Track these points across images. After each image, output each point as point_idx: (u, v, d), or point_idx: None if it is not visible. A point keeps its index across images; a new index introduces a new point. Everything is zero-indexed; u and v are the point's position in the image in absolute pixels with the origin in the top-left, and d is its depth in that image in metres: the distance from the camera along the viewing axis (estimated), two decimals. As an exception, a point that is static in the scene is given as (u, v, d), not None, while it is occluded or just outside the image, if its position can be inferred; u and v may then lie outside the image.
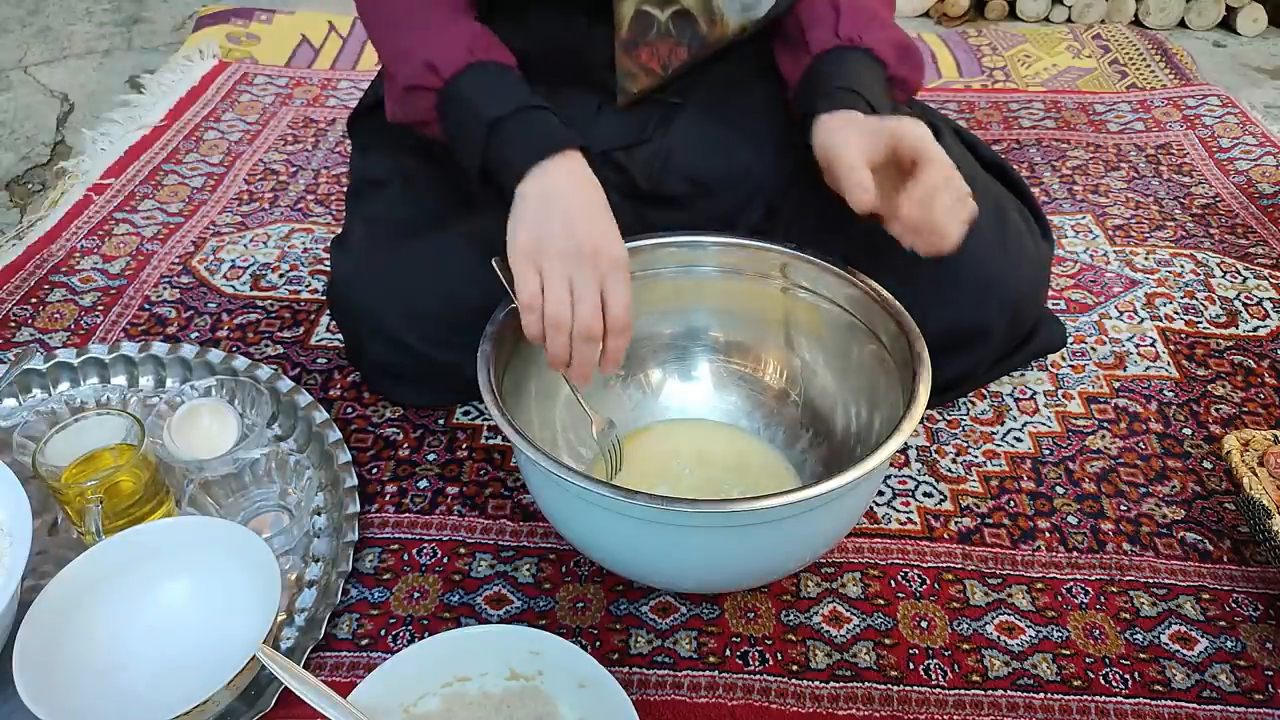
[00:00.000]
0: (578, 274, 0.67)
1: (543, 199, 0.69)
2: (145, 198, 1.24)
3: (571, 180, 0.70)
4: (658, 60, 0.81)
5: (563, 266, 0.67)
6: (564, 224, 0.67)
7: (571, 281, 0.67)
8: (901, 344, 0.71)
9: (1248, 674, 0.71)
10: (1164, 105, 1.47)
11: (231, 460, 0.79)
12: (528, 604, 0.75)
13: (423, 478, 0.85)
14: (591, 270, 0.67)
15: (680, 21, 0.79)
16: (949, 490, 0.85)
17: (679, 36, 0.80)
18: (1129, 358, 0.99)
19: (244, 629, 0.66)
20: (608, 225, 0.69)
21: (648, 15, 0.79)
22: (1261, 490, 0.75)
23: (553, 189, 0.69)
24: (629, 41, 0.80)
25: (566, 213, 0.68)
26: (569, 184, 0.70)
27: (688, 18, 0.79)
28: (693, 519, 0.62)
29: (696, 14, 0.79)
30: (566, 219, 0.68)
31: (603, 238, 0.68)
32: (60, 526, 0.78)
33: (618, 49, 0.81)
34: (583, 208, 0.69)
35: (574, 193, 0.69)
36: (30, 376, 0.90)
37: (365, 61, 1.63)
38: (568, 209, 0.68)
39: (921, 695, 0.69)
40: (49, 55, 1.71)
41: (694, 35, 0.80)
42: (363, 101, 0.98)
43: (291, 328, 1.03)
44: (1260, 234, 1.18)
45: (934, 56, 1.67)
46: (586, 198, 0.69)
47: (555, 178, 0.70)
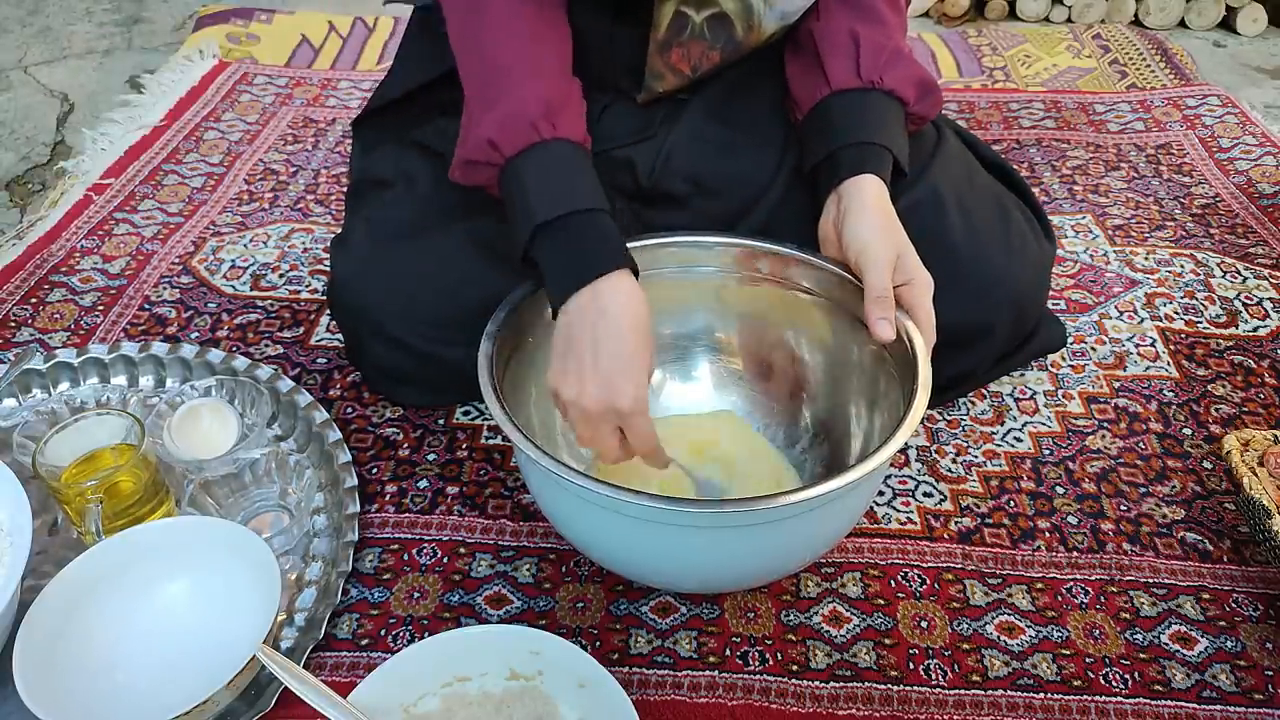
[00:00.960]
0: (591, 427, 0.67)
1: (568, 336, 0.67)
2: (145, 198, 1.24)
3: (601, 314, 0.67)
4: (688, 62, 0.81)
5: (577, 414, 0.67)
6: (578, 377, 0.66)
7: (589, 429, 0.67)
8: (902, 344, 0.71)
9: (1248, 674, 0.70)
10: (1164, 105, 1.47)
11: (231, 460, 0.79)
12: (528, 604, 0.75)
13: (423, 478, 0.85)
14: (602, 423, 0.66)
15: (716, 25, 0.79)
16: (949, 490, 0.85)
17: (713, 40, 0.80)
18: (1129, 358, 0.99)
19: (244, 629, 0.66)
20: (624, 373, 0.66)
21: (684, 16, 0.78)
22: (1261, 490, 0.75)
23: (578, 327, 0.67)
24: (664, 42, 0.80)
25: (583, 364, 0.66)
26: (597, 319, 0.67)
27: (724, 21, 0.78)
28: (693, 519, 0.62)
29: (734, 18, 0.78)
30: (582, 371, 0.66)
31: (615, 390, 0.65)
32: (60, 526, 0.78)
33: (651, 48, 0.80)
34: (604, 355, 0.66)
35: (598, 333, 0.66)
36: (30, 376, 0.90)
37: (365, 61, 1.63)
38: (587, 352, 0.66)
39: (921, 695, 0.69)
40: (49, 55, 1.71)
41: (729, 39, 0.80)
42: (368, 105, 0.98)
43: (291, 328, 1.03)
44: (1260, 234, 1.18)
45: (934, 56, 1.67)
46: (613, 335, 0.66)
47: (583, 313, 0.67)
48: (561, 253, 0.69)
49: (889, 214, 0.74)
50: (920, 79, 0.80)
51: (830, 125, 0.78)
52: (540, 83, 0.72)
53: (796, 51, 0.84)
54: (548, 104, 0.71)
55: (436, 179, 0.87)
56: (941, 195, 0.83)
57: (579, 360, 0.66)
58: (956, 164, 0.87)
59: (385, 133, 0.96)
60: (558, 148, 0.71)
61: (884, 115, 0.78)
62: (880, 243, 0.72)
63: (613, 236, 0.70)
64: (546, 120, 0.70)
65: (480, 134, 0.71)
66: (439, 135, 0.88)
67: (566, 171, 0.71)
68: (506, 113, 0.70)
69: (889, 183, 0.76)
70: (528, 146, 0.70)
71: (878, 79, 0.78)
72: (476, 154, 0.72)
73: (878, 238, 0.72)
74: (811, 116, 0.81)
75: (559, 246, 0.69)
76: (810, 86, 0.81)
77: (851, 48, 0.79)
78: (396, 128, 0.94)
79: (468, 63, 0.75)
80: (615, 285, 0.68)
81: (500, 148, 0.71)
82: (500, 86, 0.72)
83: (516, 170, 0.71)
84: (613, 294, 0.67)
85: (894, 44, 0.80)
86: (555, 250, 0.70)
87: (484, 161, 0.72)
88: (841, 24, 0.80)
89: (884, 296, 0.71)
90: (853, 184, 0.75)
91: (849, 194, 0.75)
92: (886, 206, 0.74)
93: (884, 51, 0.79)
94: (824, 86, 0.79)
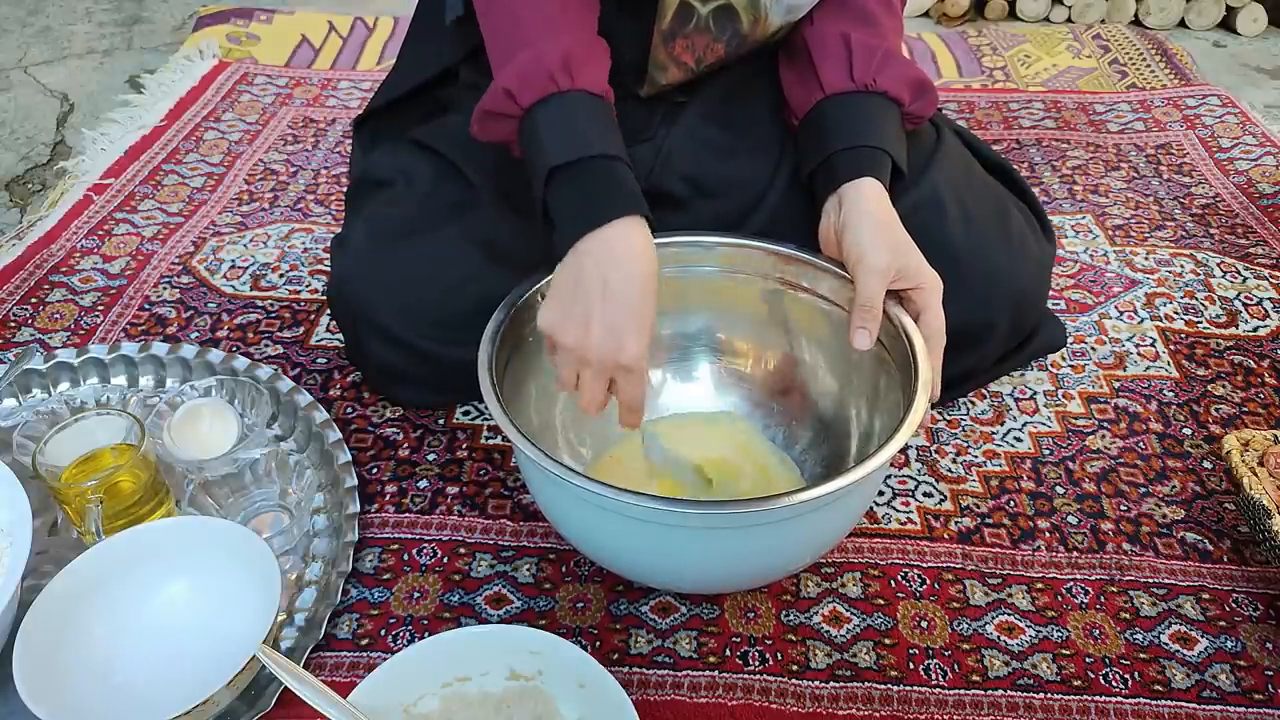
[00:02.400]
0: (583, 374, 0.66)
1: (576, 279, 0.66)
2: (145, 198, 1.24)
3: (611, 259, 0.66)
4: (692, 55, 0.81)
5: (570, 358, 0.66)
6: (583, 324, 0.65)
7: (579, 376, 0.67)
8: (901, 345, 0.71)
9: (1248, 674, 0.70)
10: (1164, 105, 1.47)
11: (231, 460, 0.79)
12: (528, 604, 0.75)
13: (423, 478, 0.85)
14: (597, 372, 0.66)
15: (721, 17, 0.78)
16: (949, 490, 0.85)
17: (718, 32, 0.79)
18: (1129, 358, 0.99)
19: (244, 629, 0.66)
20: (631, 327, 0.65)
21: (689, 7, 0.78)
22: (1261, 490, 0.75)
23: (591, 267, 0.66)
24: (669, 33, 0.79)
25: (590, 310, 0.65)
26: (607, 264, 0.66)
27: (730, 13, 0.78)
28: (693, 519, 0.62)
29: (740, 10, 0.78)
30: (589, 317, 0.65)
31: (620, 338, 0.65)
32: (60, 526, 0.78)
33: (656, 39, 0.80)
34: (610, 298, 0.65)
35: (607, 277, 0.66)
36: (30, 376, 0.90)
37: (365, 61, 1.63)
38: (595, 298, 0.65)
39: (921, 695, 0.69)
40: (49, 55, 1.71)
41: (734, 32, 0.80)
42: (370, 105, 0.98)
43: (291, 328, 1.03)
44: (1260, 234, 1.18)
45: (934, 56, 1.67)
46: (622, 282, 0.66)
47: (597, 254, 0.66)
48: (575, 196, 0.69)
49: (890, 220, 0.74)
50: (915, 79, 0.80)
51: (825, 129, 0.78)
52: (561, 37, 0.71)
53: (790, 56, 0.84)
54: (566, 56, 0.70)
55: (436, 178, 0.87)
56: (941, 195, 0.83)
57: (585, 305, 0.65)
58: (956, 164, 0.87)
59: (385, 132, 0.96)
60: (576, 98, 0.70)
61: (880, 117, 0.78)
62: (878, 252, 0.71)
63: (629, 183, 0.69)
64: (564, 72, 0.70)
65: (498, 84, 0.71)
66: (439, 134, 0.89)
67: (584, 119, 0.70)
68: (524, 63, 0.70)
69: (889, 185, 0.76)
70: (545, 96, 0.70)
71: (871, 81, 0.78)
72: (494, 105, 0.72)
73: (876, 246, 0.72)
74: (807, 121, 0.81)
75: (573, 190, 0.69)
76: (804, 91, 0.81)
77: (844, 51, 0.78)
78: (397, 127, 0.94)
79: (491, 20, 0.75)
80: (628, 231, 0.67)
81: (517, 97, 0.70)
82: (519, 40, 0.71)
83: (534, 120, 0.70)
84: (625, 240, 0.67)
85: (887, 45, 0.79)
86: (569, 193, 0.69)
87: (502, 112, 0.72)
88: (834, 27, 0.80)
89: (870, 306, 0.70)
90: (852, 188, 0.75)
91: (849, 199, 0.75)
92: (887, 211, 0.74)
93: (876, 53, 0.78)
94: (818, 91, 0.79)
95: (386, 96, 0.95)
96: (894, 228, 0.73)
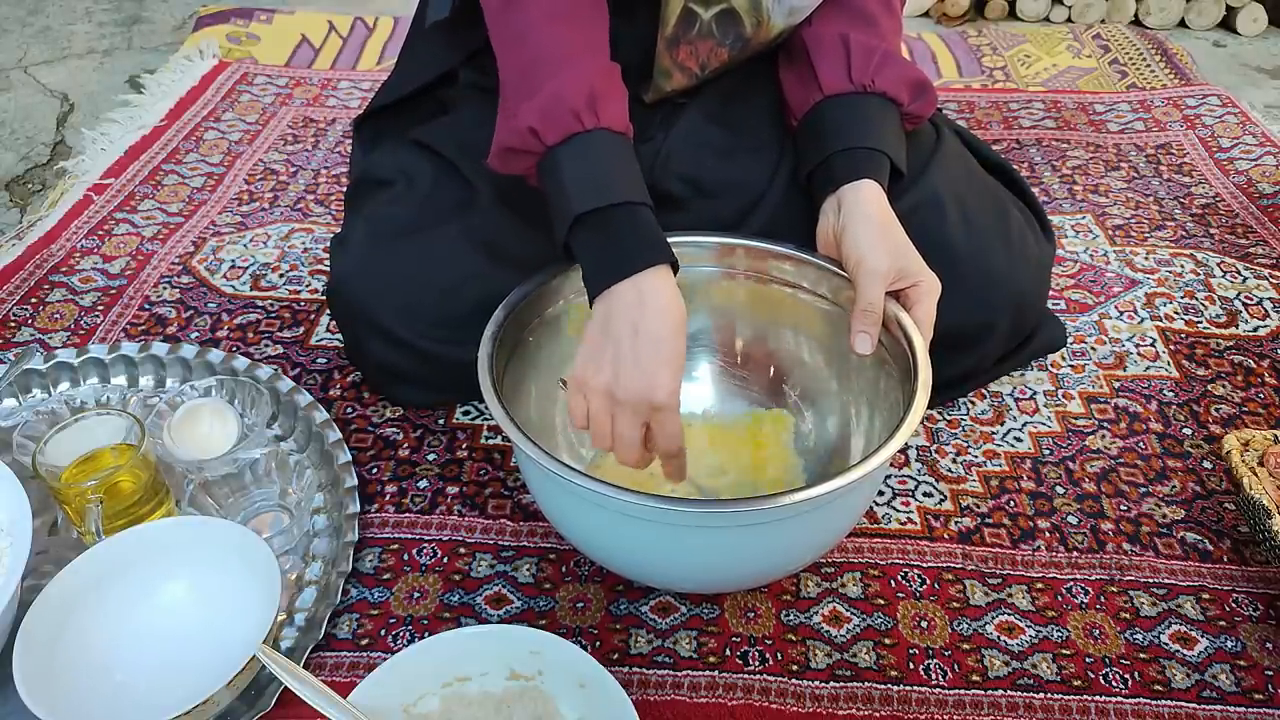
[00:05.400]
0: (619, 416, 0.65)
1: (604, 329, 0.66)
2: (145, 198, 1.24)
3: (639, 306, 0.66)
4: (696, 60, 0.81)
5: (605, 405, 0.66)
6: (614, 364, 0.65)
7: (614, 421, 0.66)
8: (902, 345, 0.71)
9: (1248, 674, 0.70)
10: (1164, 105, 1.47)
11: (231, 460, 0.79)
12: (528, 604, 0.75)
13: (423, 478, 0.85)
14: (632, 416, 0.65)
15: (724, 22, 0.78)
16: (949, 490, 0.85)
17: (721, 37, 0.79)
18: (1129, 358, 0.99)
19: (244, 629, 0.66)
20: (664, 364, 0.64)
21: (692, 13, 0.77)
22: (1261, 490, 0.75)
23: (618, 317, 0.66)
24: (672, 39, 0.79)
25: (620, 351, 0.65)
26: (637, 310, 0.65)
27: (733, 17, 0.78)
28: (693, 519, 0.62)
29: (743, 14, 0.78)
30: (619, 358, 0.65)
31: (652, 380, 0.64)
32: (60, 526, 0.78)
33: (660, 45, 0.80)
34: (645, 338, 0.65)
35: (639, 324, 0.65)
36: (30, 376, 0.90)
37: (365, 61, 1.63)
38: (625, 341, 0.65)
39: (921, 695, 0.69)
40: (49, 55, 1.71)
41: (737, 36, 0.80)
42: (370, 105, 0.98)
43: (291, 328, 1.03)
44: (1260, 234, 1.18)
45: (934, 56, 1.67)
46: (653, 324, 0.65)
47: (624, 303, 0.66)
48: (601, 245, 0.68)
49: (889, 222, 0.73)
50: (914, 79, 0.79)
51: (824, 130, 0.78)
52: (582, 68, 0.70)
53: (789, 58, 0.84)
54: (591, 92, 0.69)
55: (436, 178, 0.87)
56: (941, 196, 0.83)
57: (616, 347, 0.65)
58: (956, 164, 0.87)
59: (386, 132, 0.96)
60: (600, 137, 0.69)
61: (878, 118, 0.78)
62: (878, 254, 0.71)
63: (654, 231, 0.69)
64: (589, 110, 0.69)
65: (521, 122, 0.70)
66: (439, 134, 0.89)
67: (607, 163, 0.70)
68: (548, 100, 0.69)
69: (887, 185, 0.76)
70: (569, 136, 0.69)
71: (870, 82, 0.77)
72: (516, 141, 0.71)
73: (876, 249, 0.71)
74: (806, 122, 0.81)
75: (598, 239, 0.68)
76: (803, 92, 0.81)
77: (842, 51, 0.78)
78: (397, 127, 0.94)
79: (507, 49, 0.74)
80: (656, 281, 0.67)
81: (542, 136, 0.69)
82: (543, 74, 0.70)
83: (556, 160, 0.69)
84: (654, 290, 0.66)
85: (885, 46, 0.79)
86: (594, 242, 0.69)
87: (524, 150, 0.71)
88: (832, 28, 0.80)
89: (870, 311, 0.70)
90: (851, 190, 0.75)
91: (848, 201, 0.75)
92: (886, 213, 0.74)
93: (875, 54, 0.78)
94: (816, 92, 0.79)
95: (387, 97, 0.95)
96: (893, 230, 0.73)
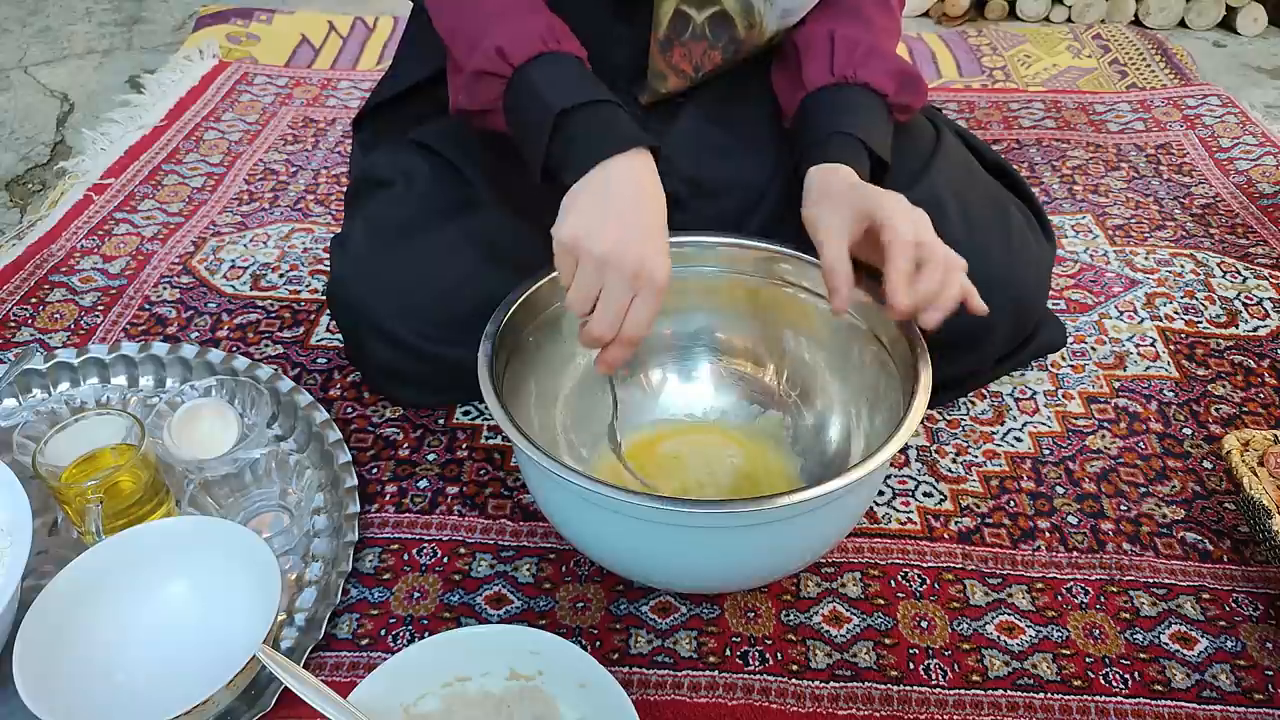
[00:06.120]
0: (609, 284, 0.64)
1: (600, 192, 0.66)
2: (145, 198, 1.24)
3: (634, 181, 0.67)
4: (690, 62, 0.81)
5: (597, 272, 0.64)
6: (614, 227, 0.64)
7: (603, 289, 0.65)
8: (902, 346, 0.71)
9: (1248, 674, 0.71)
10: (1164, 105, 1.47)
11: (231, 460, 0.79)
12: (528, 604, 0.75)
13: (423, 478, 0.85)
14: (623, 284, 0.64)
15: (717, 24, 0.79)
16: (949, 490, 0.85)
17: (714, 39, 0.79)
18: (1129, 358, 0.99)
19: (244, 629, 0.66)
20: (657, 239, 0.65)
21: (685, 15, 0.78)
22: (1261, 490, 0.75)
23: (614, 185, 0.66)
24: (665, 41, 0.79)
25: (620, 215, 0.65)
26: (631, 185, 0.66)
27: (725, 20, 0.78)
28: (693, 519, 0.62)
29: (735, 16, 0.78)
30: (619, 222, 0.64)
31: (648, 252, 0.64)
32: (60, 526, 0.78)
33: (653, 48, 0.80)
34: (638, 214, 0.65)
35: (634, 195, 0.66)
36: (30, 376, 0.90)
37: (365, 61, 1.63)
38: (622, 211, 0.65)
39: (921, 695, 0.69)
40: (49, 55, 1.71)
41: (730, 39, 0.80)
42: (369, 101, 0.98)
43: (291, 328, 1.03)
44: (1260, 234, 1.18)
45: (934, 56, 1.67)
46: (645, 203, 0.66)
47: (618, 175, 0.66)
48: (584, 134, 0.68)
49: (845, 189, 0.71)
50: (899, 70, 0.79)
51: (806, 125, 0.78)
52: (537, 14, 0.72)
53: (782, 60, 0.84)
54: (549, 25, 0.71)
55: (436, 178, 0.87)
56: (941, 195, 0.82)
57: (616, 213, 0.64)
58: (956, 164, 0.87)
59: (385, 132, 0.96)
60: (567, 58, 0.71)
61: (858, 108, 0.77)
62: (832, 215, 0.70)
63: (634, 125, 0.69)
64: (552, 37, 0.71)
65: (486, 45, 0.71)
66: (439, 134, 0.89)
67: (580, 73, 0.71)
68: (510, 28, 0.70)
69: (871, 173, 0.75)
70: (536, 55, 0.70)
71: (851, 74, 0.77)
72: (485, 64, 0.71)
73: (830, 211, 0.70)
74: (794, 120, 0.81)
75: (581, 129, 0.68)
76: (792, 91, 0.81)
77: (828, 46, 0.79)
78: (396, 126, 0.94)
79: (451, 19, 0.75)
80: (643, 162, 0.67)
81: (508, 55, 0.70)
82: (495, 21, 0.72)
83: (526, 76, 0.70)
84: (645, 168, 0.67)
85: (871, 39, 0.79)
86: (577, 133, 0.68)
87: (493, 72, 0.72)
88: (822, 26, 0.80)
89: (833, 269, 0.69)
90: (818, 172, 0.74)
91: (816, 182, 0.74)
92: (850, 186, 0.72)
93: (859, 47, 0.78)
94: (802, 89, 0.79)
95: (385, 93, 0.95)
96: (852, 190, 0.71)
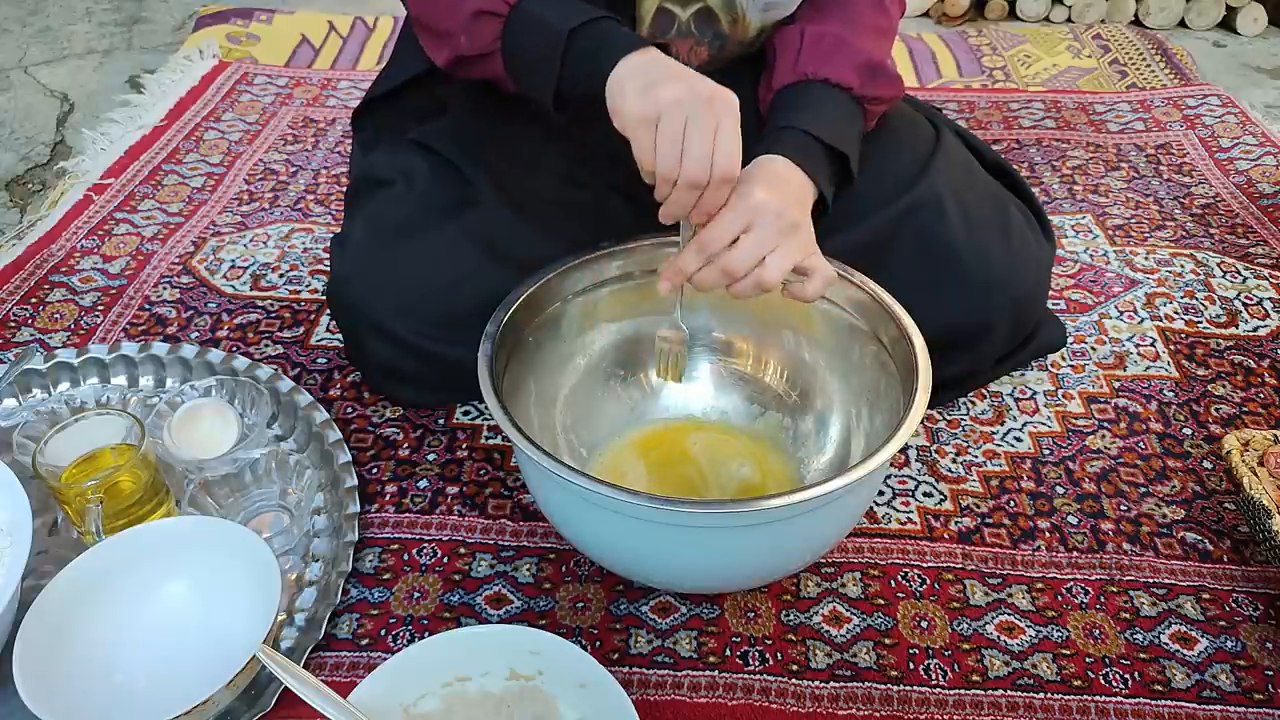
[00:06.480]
0: (694, 118, 0.63)
1: (641, 69, 0.66)
2: (145, 198, 1.24)
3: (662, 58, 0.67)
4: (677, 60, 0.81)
5: (679, 113, 0.63)
6: (673, 77, 0.64)
7: (686, 127, 0.63)
8: (902, 346, 0.71)
9: (1248, 674, 0.71)
10: (1164, 105, 1.47)
11: (231, 460, 0.79)
12: (528, 604, 0.75)
13: (423, 478, 0.85)
14: (708, 114, 0.63)
15: (702, 20, 0.78)
16: (949, 490, 0.85)
17: (700, 35, 0.79)
18: (1129, 358, 0.99)
19: (244, 629, 0.66)
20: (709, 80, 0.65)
21: (669, 13, 0.78)
22: (1261, 490, 0.75)
23: (650, 61, 0.66)
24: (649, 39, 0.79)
25: (669, 70, 0.65)
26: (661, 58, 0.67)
27: (710, 16, 0.78)
28: (693, 519, 0.62)
29: (719, 11, 0.78)
30: (672, 73, 0.65)
31: (711, 83, 0.64)
32: (60, 526, 0.78)
33: None
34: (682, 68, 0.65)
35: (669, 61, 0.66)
36: (30, 376, 0.90)
37: (365, 61, 1.63)
38: (669, 68, 0.65)
39: (921, 695, 0.69)
40: (49, 55, 1.71)
41: (715, 34, 0.80)
42: (369, 94, 0.97)
43: (291, 328, 1.03)
44: (1260, 234, 1.18)
45: (934, 56, 1.67)
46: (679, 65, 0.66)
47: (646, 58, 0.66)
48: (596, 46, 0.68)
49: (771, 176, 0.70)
50: (863, 62, 0.78)
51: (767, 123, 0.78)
52: None
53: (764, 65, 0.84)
54: None
55: (436, 178, 0.87)
56: (941, 195, 0.83)
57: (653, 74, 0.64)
58: (956, 164, 0.87)
59: (384, 127, 0.96)
60: None
61: (813, 102, 0.77)
62: None
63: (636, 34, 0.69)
64: None
65: None
66: (439, 134, 0.89)
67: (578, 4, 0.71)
68: None
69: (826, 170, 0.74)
70: None
71: (813, 70, 0.77)
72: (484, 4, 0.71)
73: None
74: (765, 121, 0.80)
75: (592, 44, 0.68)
76: (765, 92, 0.81)
77: (797, 45, 0.78)
78: (395, 121, 0.94)
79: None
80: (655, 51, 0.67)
81: None
82: None
83: (525, 9, 0.71)
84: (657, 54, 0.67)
85: (839, 34, 0.78)
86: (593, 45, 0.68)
87: (491, 11, 0.71)
88: (799, 25, 0.80)
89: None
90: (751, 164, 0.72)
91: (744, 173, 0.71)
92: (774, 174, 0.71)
93: (825, 41, 0.77)
94: (770, 91, 0.79)
95: (382, 87, 0.95)
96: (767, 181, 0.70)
